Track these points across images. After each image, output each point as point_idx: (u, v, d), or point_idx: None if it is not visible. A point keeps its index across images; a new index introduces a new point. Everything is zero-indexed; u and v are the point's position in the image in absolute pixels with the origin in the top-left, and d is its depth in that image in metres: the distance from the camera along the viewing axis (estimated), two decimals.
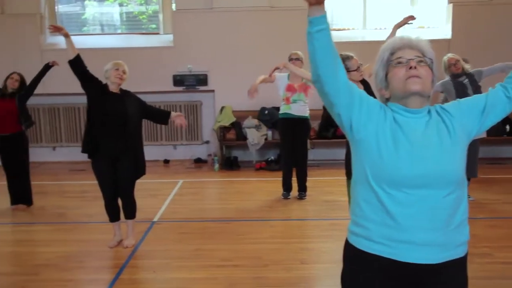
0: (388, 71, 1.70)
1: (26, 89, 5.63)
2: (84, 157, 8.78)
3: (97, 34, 8.86)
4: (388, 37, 4.51)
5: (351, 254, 1.72)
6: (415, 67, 1.64)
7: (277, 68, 5.53)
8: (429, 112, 1.70)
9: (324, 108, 8.11)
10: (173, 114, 4.52)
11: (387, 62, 1.70)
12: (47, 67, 5.72)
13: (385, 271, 1.63)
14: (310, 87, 5.79)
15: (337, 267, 3.85)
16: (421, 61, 1.66)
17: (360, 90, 1.72)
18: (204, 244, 4.48)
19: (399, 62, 1.67)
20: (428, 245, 1.59)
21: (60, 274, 3.87)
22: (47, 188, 6.82)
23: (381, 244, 1.62)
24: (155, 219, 5.27)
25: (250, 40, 8.29)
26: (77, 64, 4.14)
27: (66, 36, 4.14)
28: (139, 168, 4.37)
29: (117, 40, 8.68)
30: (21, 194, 5.76)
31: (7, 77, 5.62)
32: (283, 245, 4.40)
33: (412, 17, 4.41)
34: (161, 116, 4.54)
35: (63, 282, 3.73)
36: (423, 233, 1.58)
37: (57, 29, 4.22)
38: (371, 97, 1.72)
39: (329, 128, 7.97)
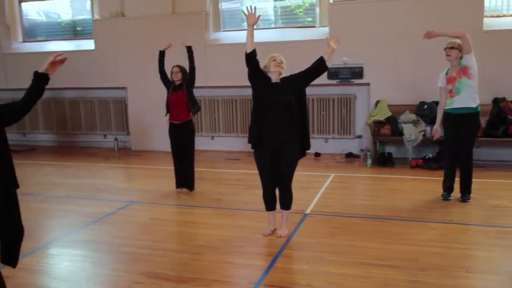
0: None
1: (189, 77, 6.10)
2: (239, 147, 9.31)
3: (255, 29, 9.15)
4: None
5: None
6: None
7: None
8: None
9: (494, 102, 7.35)
10: (326, 54, 4.30)
11: None
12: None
13: None
14: (469, 67, 5.24)
15: (509, 280, 3.48)
16: None
17: None
18: (357, 240, 4.35)
19: None
20: None
21: (220, 256, 4.08)
22: (206, 175, 7.28)
23: None
24: (307, 211, 5.28)
25: (409, 31, 7.86)
26: (252, 57, 4.30)
27: (252, 26, 4.26)
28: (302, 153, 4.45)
29: (272, 34, 8.90)
30: (185, 179, 6.25)
31: (171, 73, 6.13)
32: (445, 250, 4.07)
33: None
34: (317, 66, 4.33)
35: (223, 264, 3.93)
36: None
37: (252, 16, 4.24)
38: None
39: (498, 126, 7.19)
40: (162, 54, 6.25)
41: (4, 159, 2.49)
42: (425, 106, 7.67)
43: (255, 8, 4.30)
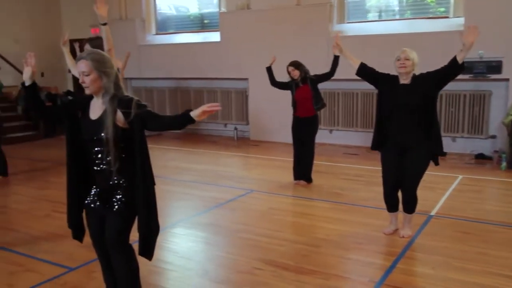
0: None
1: (320, 77, 6.05)
2: (358, 142, 9.07)
3: (380, 21, 8.83)
4: None
5: None
6: None
7: None
8: None
9: None
10: (460, 52, 3.76)
11: None
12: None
13: None
14: None
15: None
16: None
17: None
18: (490, 248, 4.00)
19: None
20: None
21: (339, 250, 4.00)
22: (323, 168, 7.17)
23: None
24: (432, 213, 4.97)
25: None
26: (362, 73, 4.26)
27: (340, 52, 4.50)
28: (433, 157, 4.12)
29: (400, 26, 8.48)
30: (303, 171, 6.22)
31: (288, 73, 6.06)
32: None
33: None
34: (450, 68, 3.84)
35: (343, 259, 3.85)
36: None
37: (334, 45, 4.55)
38: None
39: None
40: (269, 70, 6.29)
41: (143, 157, 2.62)
42: None
43: (337, 36, 4.66)
